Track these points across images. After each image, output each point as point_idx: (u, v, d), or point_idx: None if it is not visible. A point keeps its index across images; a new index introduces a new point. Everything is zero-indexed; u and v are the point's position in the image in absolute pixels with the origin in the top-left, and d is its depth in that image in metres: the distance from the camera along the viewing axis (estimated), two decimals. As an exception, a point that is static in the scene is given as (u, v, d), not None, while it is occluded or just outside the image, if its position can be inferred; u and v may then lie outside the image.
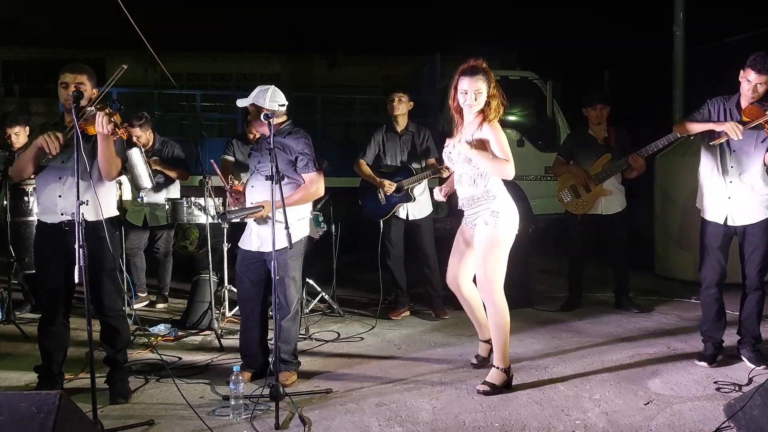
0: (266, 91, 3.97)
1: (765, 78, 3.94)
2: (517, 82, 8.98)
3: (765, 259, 4.08)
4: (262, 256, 3.92)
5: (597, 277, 6.43)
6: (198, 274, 5.49)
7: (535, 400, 3.63)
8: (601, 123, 5.61)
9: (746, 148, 4.05)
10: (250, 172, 4.13)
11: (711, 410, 3.42)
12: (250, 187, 4.03)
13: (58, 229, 3.64)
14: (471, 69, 3.77)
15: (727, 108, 4.12)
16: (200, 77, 14.15)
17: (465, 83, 3.76)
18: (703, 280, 4.25)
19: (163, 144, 6.03)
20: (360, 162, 5.59)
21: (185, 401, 3.46)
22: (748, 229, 4.09)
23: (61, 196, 3.65)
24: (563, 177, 5.74)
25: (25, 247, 5.52)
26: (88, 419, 2.94)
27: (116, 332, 3.79)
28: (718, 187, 4.14)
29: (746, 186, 4.06)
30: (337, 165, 7.98)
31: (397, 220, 5.55)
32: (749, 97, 4.01)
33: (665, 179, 7.16)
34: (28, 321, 5.48)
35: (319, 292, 5.73)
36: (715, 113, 4.14)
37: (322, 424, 3.35)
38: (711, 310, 4.23)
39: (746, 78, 3.99)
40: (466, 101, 3.77)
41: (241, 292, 4.13)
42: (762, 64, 3.93)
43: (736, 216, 4.10)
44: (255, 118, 3.98)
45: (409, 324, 5.40)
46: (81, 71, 3.69)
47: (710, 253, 4.19)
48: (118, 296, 3.84)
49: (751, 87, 3.98)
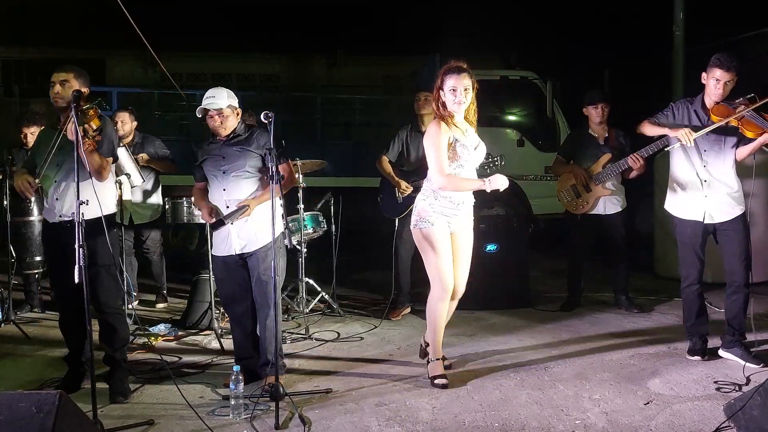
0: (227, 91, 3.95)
1: (731, 75, 4.02)
2: (517, 82, 8.98)
3: (748, 250, 4.15)
4: (243, 257, 3.91)
5: (597, 277, 6.42)
6: (198, 274, 5.49)
7: (534, 400, 3.63)
8: (602, 122, 5.61)
9: (715, 147, 4.14)
10: (210, 174, 3.98)
11: (711, 410, 3.42)
12: (221, 189, 3.91)
13: (57, 228, 3.70)
14: (456, 68, 3.77)
15: (692, 110, 4.21)
16: (200, 77, 14.16)
17: (452, 81, 3.75)
18: (685, 278, 4.33)
19: (143, 139, 6.01)
20: (382, 159, 5.57)
21: (185, 401, 3.46)
22: (725, 225, 4.17)
23: (58, 199, 3.70)
24: (563, 177, 5.74)
25: (25, 246, 5.53)
26: (88, 419, 2.94)
27: (113, 330, 3.80)
28: (693, 187, 4.21)
29: (720, 183, 4.14)
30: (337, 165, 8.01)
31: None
32: (717, 96, 4.08)
33: (665, 179, 7.14)
34: (28, 321, 5.49)
35: (319, 291, 5.73)
36: (680, 116, 4.23)
37: (322, 424, 3.35)
38: (695, 305, 4.31)
39: (713, 77, 4.05)
40: (456, 98, 3.75)
41: (226, 296, 4.07)
42: (728, 62, 4.01)
43: (713, 213, 4.17)
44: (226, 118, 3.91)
45: (409, 324, 5.40)
46: (67, 70, 3.72)
47: (690, 250, 4.26)
48: (117, 294, 3.87)
49: (719, 85, 4.04)
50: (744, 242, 4.15)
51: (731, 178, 4.17)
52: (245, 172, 3.87)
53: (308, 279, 5.69)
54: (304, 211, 5.52)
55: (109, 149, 3.77)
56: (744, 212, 4.19)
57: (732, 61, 4.02)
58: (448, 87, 3.77)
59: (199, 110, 3.93)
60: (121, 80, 13.00)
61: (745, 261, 4.14)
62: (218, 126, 3.91)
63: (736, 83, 4.08)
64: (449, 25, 12.97)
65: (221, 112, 3.88)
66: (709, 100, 4.14)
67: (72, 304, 3.76)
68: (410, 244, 5.60)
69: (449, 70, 3.79)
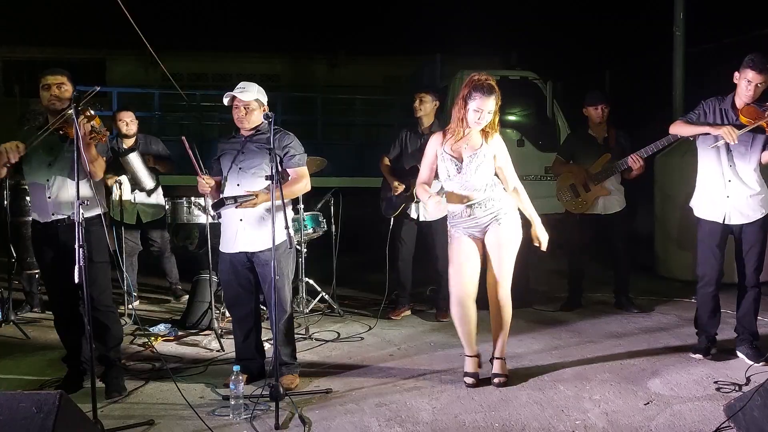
0: (258, 87, 3.95)
1: (763, 78, 3.97)
2: (517, 82, 8.97)
3: (761, 257, 4.15)
4: (248, 257, 3.89)
5: (597, 277, 6.42)
6: (198, 274, 5.49)
7: (535, 400, 3.63)
8: (601, 123, 5.62)
9: (741, 148, 4.09)
10: (226, 168, 3.94)
11: (711, 410, 3.42)
12: (236, 185, 3.87)
13: (51, 228, 3.71)
14: (488, 87, 3.68)
15: (722, 109, 4.16)
16: (200, 77, 14.16)
17: (478, 102, 3.68)
18: (701, 278, 4.29)
19: (146, 139, 6.01)
20: (382, 159, 5.67)
21: (185, 401, 3.47)
22: (744, 227, 4.15)
23: (50, 198, 3.70)
24: (563, 176, 5.75)
25: (26, 246, 5.53)
26: (88, 419, 2.95)
27: (106, 329, 3.80)
28: (717, 186, 4.17)
29: (743, 185, 4.11)
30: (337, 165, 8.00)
31: (410, 219, 5.55)
32: (747, 97, 4.04)
33: (665, 179, 7.16)
34: (28, 321, 5.49)
35: (319, 291, 5.73)
36: (711, 114, 4.17)
37: (322, 424, 3.35)
38: (708, 306, 4.29)
39: (745, 78, 4.01)
40: (478, 120, 3.72)
41: (230, 298, 4.06)
42: (761, 64, 3.96)
43: (733, 215, 4.15)
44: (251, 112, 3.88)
45: (409, 324, 5.40)
46: (61, 73, 3.77)
47: (709, 251, 4.23)
48: (109, 291, 3.87)
49: (750, 87, 4.00)
50: (760, 245, 4.12)
51: (754, 181, 4.13)
52: (261, 170, 3.80)
53: (308, 279, 5.70)
54: (304, 211, 5.53)
55: (103, 149, 3.86)
56: (766, 215, 4.15)
57: (766, 63, 3.96)
58: (472, 106, 3.70)
59: (227, 96, 3.91)
60: (121, 80, 12.99)
61: (757, 263, 4.14)
62: (242, 117, 3.87)
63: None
64: (450, 25, 12.99)
65: (248, 105, 3.87)
66: (739, 100, 4.09)
67: (67, 303, 3.78)
68: (411, 243, 5.62)
69: (478, 87, 3.68)
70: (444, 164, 3.84)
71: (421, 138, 5.53)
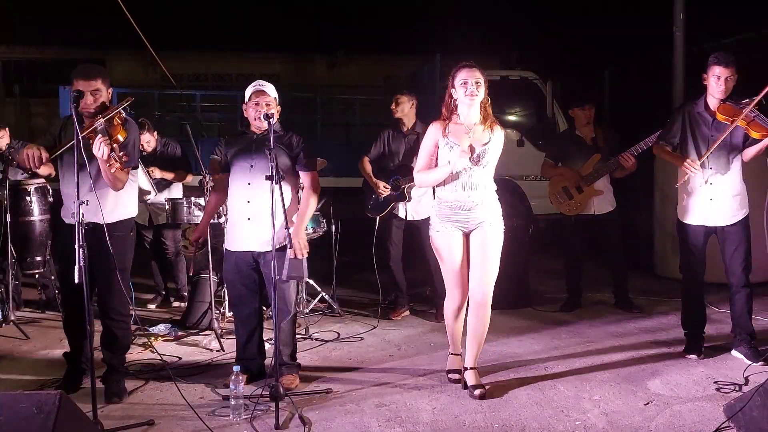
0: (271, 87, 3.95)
1: (730, 71, 4.03)
2: (517, 82, 8.97)
3: (748, 255, 4.18)
4: (254, 257, 3.89)
5: (596, 277, 6.42)
6: (198, 274, 5.49)
7: (534, 400, 3.63)
8: (589, 123, 5.64)
9: (722, 153, 4.13)
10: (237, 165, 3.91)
11: (711, 411, 3.42)
12: (246, 183, 3.84)
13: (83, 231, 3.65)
14: (467, 64, 3.72)
15: (697, 113, 4.20)
16: (200, 77, 14.14)
17: (463, 73, 3.68)
18: (687, 280, 4.37)
19: (164, 145, 6.03)
20: (363, 160, 5.65)
21: (185, 401, 3.46)
22: (727, 228, 4.19)
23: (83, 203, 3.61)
24: (554, 180, 5.75)
25: (26, 246, 5.52)
26: (88, 419, 2.94)
27: (116, 338, 3.78)
28: (699, 189, 4.21)
29: (725, 187, 4.15)
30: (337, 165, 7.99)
31: (398, 220, 5.54)
32: (720, 93, 4.08)
33: (665, 179, 7.15)
34: (28, 321, 5.48)
35: (319, 292, 5.73)
36: (688, 121, 4.23)
37: (322, 425, 3.35)
38: (694, 306, 4.37)
39: (714, 74, 4.07)
40: (468, 90, 3.65)
41: (234, 297, 4.06)
42: (726, 59, 4.04)
43: (717, 217, 4.19)
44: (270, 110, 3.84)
45: (409, 324, 5.40)
46: (95, 76, 3.55)
47: (694, 254, 4.29)
48: (127, 301, 3.79)
49: (721, 81, 4.05)
50: (745, 244, 4.17)
51: (737, 182, 4.18)
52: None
53: (308, 279, 5.69)
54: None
55: (134, 158, 3.66)
56: (747, 215, 4.20)
57: (729, 57, 4.05)
58: (459, 81, 3.68)
59: (250, 89, 3.91)
60: (121, 80, 12.98)
61: (744, 263, 4.17)
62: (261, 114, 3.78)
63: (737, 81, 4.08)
64: (450, 25, 12.98)
65: (269, 102, 3.88)
66: (712, 99, 4.13)
67: (81, 303, 3.73)
68: (400, 244, 5.62)
69: (460, 67, 3.73)
70: (452, 154, 3.67)
71: (404, 138, 5.54)
